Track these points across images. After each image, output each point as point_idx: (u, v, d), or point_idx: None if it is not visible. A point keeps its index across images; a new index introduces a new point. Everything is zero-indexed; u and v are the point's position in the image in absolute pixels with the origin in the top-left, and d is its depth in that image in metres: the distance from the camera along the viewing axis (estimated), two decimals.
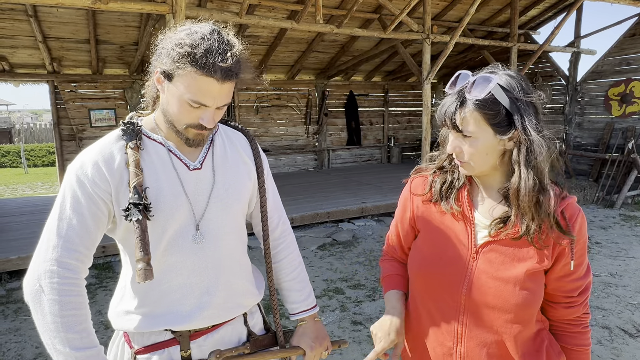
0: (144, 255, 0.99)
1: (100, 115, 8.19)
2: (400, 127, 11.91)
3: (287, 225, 1.39)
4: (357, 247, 5.22)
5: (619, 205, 7.08)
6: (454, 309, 1.06)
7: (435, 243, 1.11)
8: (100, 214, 1.05)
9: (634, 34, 7.97)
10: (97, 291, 4.02)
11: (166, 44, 1.03)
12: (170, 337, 1.14)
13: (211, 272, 1.14)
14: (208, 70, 0.97)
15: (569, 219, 1.00)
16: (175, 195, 1.10)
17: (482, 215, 1.06)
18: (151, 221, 1.06)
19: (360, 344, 3.01)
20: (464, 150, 1.00)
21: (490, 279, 1.02)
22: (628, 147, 7.52)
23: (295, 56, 9.11)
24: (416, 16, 7.15)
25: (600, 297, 3.74)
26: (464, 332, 1.05)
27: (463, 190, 1.09)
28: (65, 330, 1.00)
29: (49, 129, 20.14)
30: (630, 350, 2.89)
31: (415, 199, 1.19)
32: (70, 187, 1.05)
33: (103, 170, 1.05)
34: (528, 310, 1.01)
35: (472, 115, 0.96)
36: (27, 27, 6.39)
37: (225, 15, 5.09)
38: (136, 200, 1.01)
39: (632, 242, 5.28)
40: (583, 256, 1.04)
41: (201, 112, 1.03)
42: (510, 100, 0.95)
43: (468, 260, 1.05)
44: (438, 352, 1.09)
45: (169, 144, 1.13)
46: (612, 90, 8.24)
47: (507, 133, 0.96)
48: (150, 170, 1.09)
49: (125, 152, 1.07)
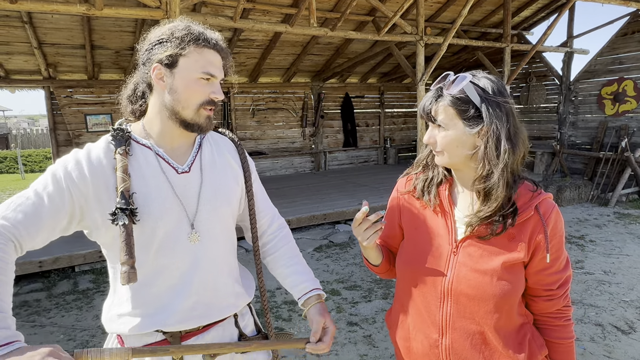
0: (129, 258, 1.02)
1: (97, 120, 8.21)
2: (396, 128, 11.96)
3: (282, 221, 1.42)
4: (353, 249, 5.25)
5: (613, 203, 7.14)
6: (438, 300, 1.10)
7: (419, 240, 1.17)
8: (60, 206, 1.05)
9: (625, 34, 8.05)
10: (95, 296, 4.03)
11: (154, 40, 1.11)
12: (161, 338, 1.16)
13: (202, 272, 1.17)
14: (209, 43, 1.12)
15: (543, 214, 1.06)
16: (164, 199, 1.13)
17: (461, 211, 1.12)
18: (141, 225, 1.09)
19: (356, 345, 3.04)
20: (437, 140, 1.08)
21: (470, 271, 1.07)
22: (621, 146, 7.59)
23: (291, 59, 9.15)
24: (410, 18, 7.20)
25: (593, 294, 3.78)
26: (448, 323, 1.09)
27: (443, 187, 1.15)
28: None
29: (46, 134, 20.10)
30: (623, 347, 2.93)
31: (401, 199, 1.25)
32: (48, 174, 1.07)
33: (85, 170, 1.07)
34: (507, 300, 1.05)
35: (445, 109, 1.05)
36: (23, 34, 6.41)
37: (219, 20, 5.12)
38: (123, 205, 1.04)
39: (626, 239, 5.32)
40: (560, 250, 1.08)
41: (210, 86, 1.13)
42: (481, 99, 1.02)
43: (449, 255, 1.10)
44: (425, 344, 1.13)
45: (157, 148, 1.16)
46: (605, 90, 8.31)
47: (475, 128, 1.03)
48: (138, 175, 1.12)
49: (114, 157, 1.11)
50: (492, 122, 1.01)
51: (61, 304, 3.89)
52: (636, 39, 7.87)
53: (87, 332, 3.34)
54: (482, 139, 1.03)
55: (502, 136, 1.01)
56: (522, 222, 1.05)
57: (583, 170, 8.62)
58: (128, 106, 1.22)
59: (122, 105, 1.23)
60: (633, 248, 5.00)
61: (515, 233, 1.05)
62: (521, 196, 1.06)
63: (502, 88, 1.05)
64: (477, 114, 1.03)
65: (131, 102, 1.21)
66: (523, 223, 1.05)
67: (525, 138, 1.05)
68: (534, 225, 1.05)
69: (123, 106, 1.23)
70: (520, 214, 1.04)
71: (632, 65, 7.95)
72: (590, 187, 7.63)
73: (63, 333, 3.34)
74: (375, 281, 4.20)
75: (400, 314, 1.22)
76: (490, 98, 1.02)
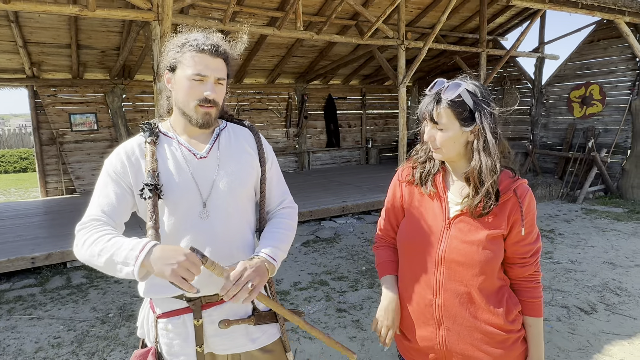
0: (154, 223, 1.24)
1: (81, 119, 8.19)
2: (377, 129, 12.28)
3: (290, 203, 1.55)
4: (339, 243, 5.48)
5: (581, 200, 7.59)
6: (433, 266, 1.33)
7: (417, 218, 1.40)
8: (122, 192, 1.32)
9: (592, 41, 8.55)
10: (89, 290, 4.13)
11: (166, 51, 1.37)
12: (185, 305, 1.35)
13: (216, 246, 1.34)
14: (200, 48, 1.29)
15: (520, 196, 1.31)
16: (185, 180, 1.34)
17: (453, 194, 1.36)
18: (165, 201, 1.31)
19: (346, 328, 3.26)
20: (437, 139, 1.30)
21: (460, 242, 1.30)
22: (588, 146, 8.07)
23: (275, 61, 9.33)
24: (391, 23, 7.49)
25: (561, 281, 4.11)
26: (441, 285, 1.32)
27: (438, 175, 1.38)
28: (96, 245, 1.21)
29: (18, 134, 19.64)
30: (585, 325, 3.25)
31: (402, 186, 1.48)
32: (102, 175, 1.35)
33: (124, 161, 1.33)
34: (489, 266, 1.29)
35: (445, 111, 1.26)
36: (8, 32, 6.40)
37: (209, 22, 5.27)
38: (149, 181, 1.27)
39: (592, 233, 5.73)
40: (532, 226, 1.33)
41: (203, 85, 1.30)
42: (473, 102, 1.26)
43: (443, 229, 1.33)
44: (421, 304, 1.36)
45: (179, 138, 1.39)
46: (573, 93, 8.80)
47: (469, 126, 1.26)
48: (164, 159, 1.35)
49: (145, 146, 1.34)
50: (482, 121, 1.24)
51: (56, 298, 3.97)
52: (602, 46, 8.38)
53: (86, 323, 3.45)
54: (474, 134, 1.26)
55: (489, 132, 1.24)
56: (503, 202, 1.29)
57: (554, 169, 9.09)
58: (165, 105, 1.46)
59: (161, 105, 1.48)
60: (597, 240, 5.40)
61: (497, 211, 1.29)
62: (502, 181, 1.30)
63: (487, 92, 1.29)
64: (470, 114, 1.25)
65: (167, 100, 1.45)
66: (503, 203, 1.29)
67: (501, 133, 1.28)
68: (512, 205, 1.29)
69: (162, 105, 1.47)
70: (502, 196, 1.28)
71: (598, 71, 8.46)
72: (560, 185, 8.08)
73: (62, 324, 3.45)
74: (361, 272, 4.44)
75: (400, 280, 1.45)
76: (480, 101, 1.26)
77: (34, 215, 6.47)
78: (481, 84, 1.30)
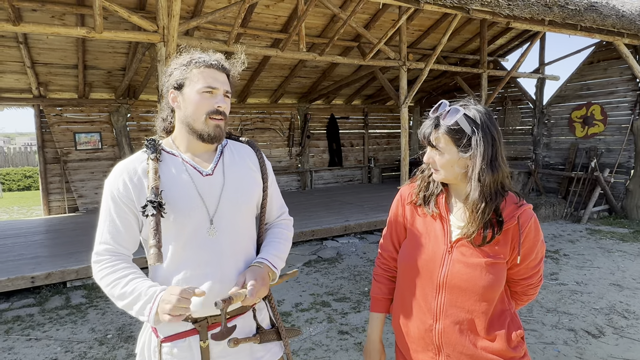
0: (157, 242, 1.22)
1: (86, 138, 8.27)
2: (379, 149, 12.32)
3: (286, 215, 1.63)
4: (341, 263, 5.43)
5: (585, 220, 7.53)
6: (434, 291, 1.31)
7: (419, 239, 1.38)
8: (126, 216, 1.32)
9: (592, 62, 8.64)
10: (88, 310, 4.08)
11: (168, 73, 1.40)
12: (190, 327, 1.33)
13: (223, 263, 1.34)
14: (207, 64, 1.35)
15: (522, 224, 1.28)
16: (191, 197, 1.33)
17: (455, 217, 1.34)
18: (172, 220, 1.29)
19: (348, 351, 3.19)
20: (436, 161, 1.30)
21: (463, 266, 1.27)
22: (591, 166, 8.05)
23: (279, 81, 9.45)
24: (393, 44, 7.61)
25: (567, 303, 4.04)
26: (442, 311, 1.29)
27: (441, 197, 1.37)
28: (113, 289, 1.28)
29: (23, 152, 19.82)
30: (593, 349, 3.17)
31: (405, 206, 1.46)
32: (105, 197, 1.34)
33: (127, 182, 1.32)
34: (492, 291, 1.27)
35: (443, 137, 1.26)
36: (17, 53, 6.53)
37: (213, 44, 5.36)
38: (152, 198, 1.25)
39: (597, 253, 5.66)
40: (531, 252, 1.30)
41: (214, 97, 1.34)
42: (472, 129, 1.24)
43: (445, 253, 1.31)
44: (421, 328, 1.33)
45: (183, 156, 1.39)
46: (575, 113, 8.84)
47: (467, 152, 1.24)
48: (167, 177, 1.34)
49: (147, 163, 1.33)
50: (478, 149, 1.22)
51: (55, 318, 3.93)
52: (602, 67, 8.46)
53: (84, 344, 3.40)
54: (472, 160, 1.24)
55: (483, 161, 1.21)
56: (506, 230, 1.27)
57: (557, 189, 9.05)
58: (161, 125, 1.47)
59: (157, 125, 1.48)
60: (603, 261, 5.33)
61: (500, 237, 1.27)
62: (507, 207, 1.28)
63: (489, 117, 1.26)
64: (469, 141, 1.23)
65: (163, 121, 1.46)
66: (506, 231, 1.27)
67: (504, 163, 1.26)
68: (514, 233, 1.27)
69: (157, 125, 1.47)
70: (506, 223, 1.26)
71: (598, 91, 8.51)
72: (564, 205, 8.03)
73: (60, 345, 3.39)
74: (364, 293, 4.38)
75: (400, 303, 1.42)
76: (478, 128, 1.23)
77: (36, 233, 6.46)
78: (485, 108, 1.28)
